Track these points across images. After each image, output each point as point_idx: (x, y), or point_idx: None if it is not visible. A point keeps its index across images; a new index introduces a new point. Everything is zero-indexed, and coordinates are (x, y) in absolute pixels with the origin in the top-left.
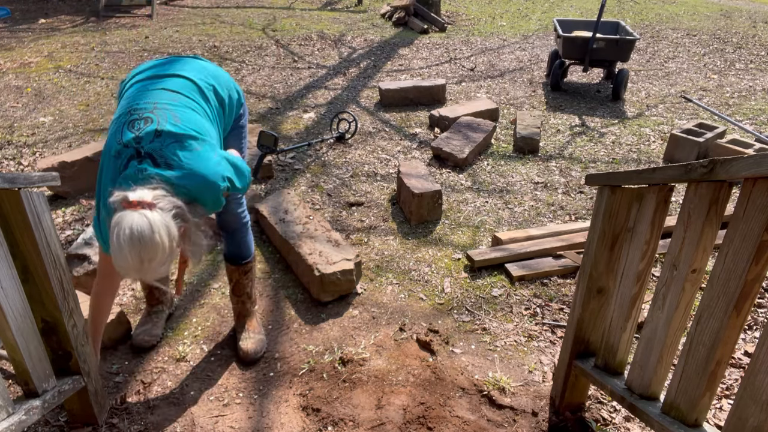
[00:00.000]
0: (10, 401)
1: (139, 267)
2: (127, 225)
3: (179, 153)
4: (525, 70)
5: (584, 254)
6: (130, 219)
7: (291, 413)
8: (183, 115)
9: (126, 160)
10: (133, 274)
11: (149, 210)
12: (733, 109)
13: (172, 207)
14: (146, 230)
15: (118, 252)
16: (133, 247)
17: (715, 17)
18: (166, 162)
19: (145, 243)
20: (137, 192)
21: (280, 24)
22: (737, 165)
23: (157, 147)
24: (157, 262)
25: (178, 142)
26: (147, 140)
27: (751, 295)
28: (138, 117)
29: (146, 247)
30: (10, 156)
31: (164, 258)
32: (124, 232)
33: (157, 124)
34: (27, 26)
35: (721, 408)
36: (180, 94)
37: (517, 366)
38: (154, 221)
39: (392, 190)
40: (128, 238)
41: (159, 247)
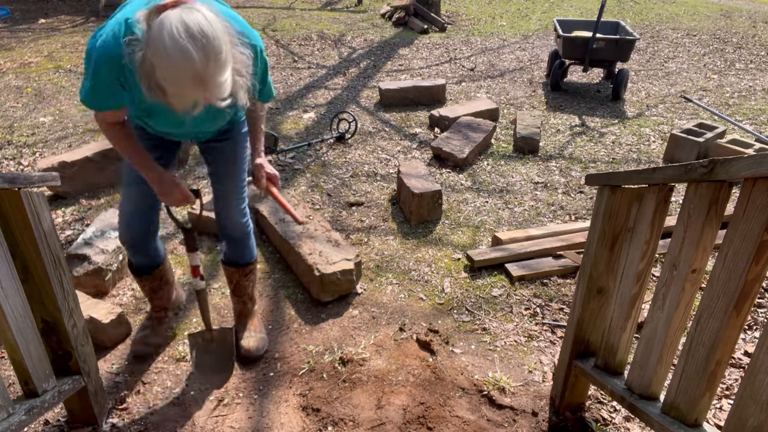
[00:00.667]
0: (10, 401)
1: (205, 68)
2: (177, 21)
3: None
4: (525, 70)
5: (584, 254)
6: (176, 16)
7: (291, 413)
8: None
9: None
10: (198, 90)
11: (192, 4)
12: (733, 109)
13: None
14: (202, 20)
15: (179, 56)
16: (195, 39)
17: (715, 17)
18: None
19: (206, 33)
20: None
21: (280, 24)
22: (737, 165)
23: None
24: (223, 62)
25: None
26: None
27: (751, 295)
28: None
29: (209, 38)
30: (10, 156)
31: (228, 60)
32: (178, 29)
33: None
34: (27, 26)
35: (721, 408)
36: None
37: (517, 366)
38: (206, 11)
39: (392, 190)
40: (185, 32)
41: (220, 41)
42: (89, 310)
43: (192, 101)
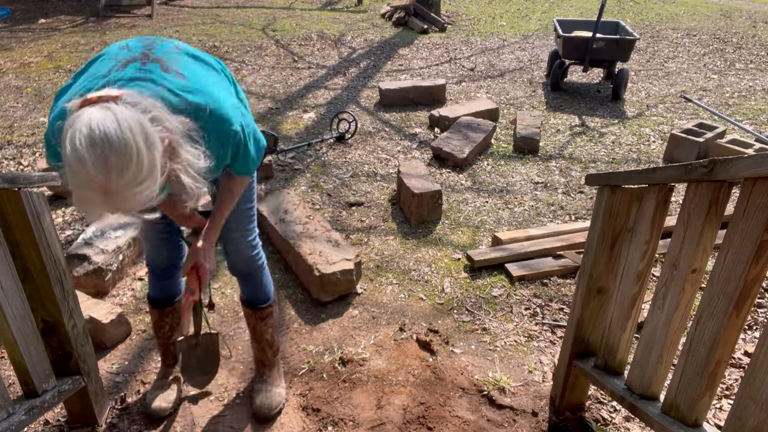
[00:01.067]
0: (10, 401)
1: (106, 184)
2: (84, 123)
3: (196, 68)
4: (525, 70)
5: (584, 254)
6: (87, 116)
7: (291, 413)
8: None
9: (124, 61)
10: (100, 204)
11: (113, 102)
12: (733, 109)
13: (150, 106)
14: (110, 124)
15: (76, 164)
16: (94, 148)
17: (715, 17)
18: (178, 71)
19: (110, 142)
20: (103, 89)
21: (280, 24)
22: (737, 165)
23: (169, 53)
24: (131, 176)
25: (197, 60)
26: (159, 48)
27: (751, 295)
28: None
29: (113, 149)
30: (10, 156)
31: (141, 171)
32: (80, 132)
33: (171, 47)
34: (27, 26)
35: (721, 408)
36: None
37: (517, 366)
38: (122, 114)
39: (392, 190)
40: (86, 138)
41: (132, 149)
42: (89, 310)
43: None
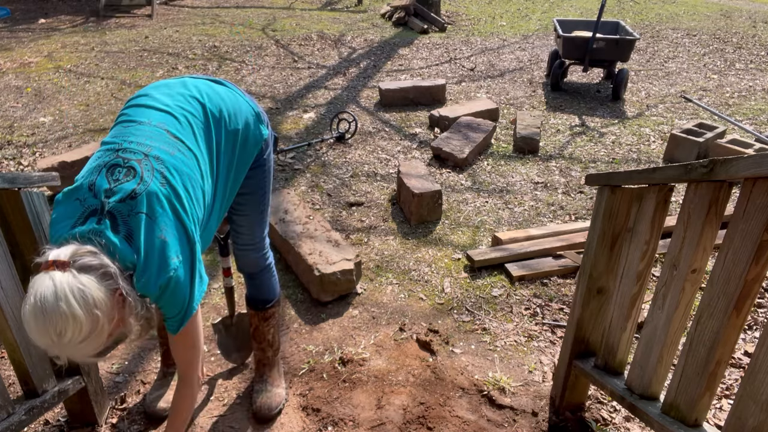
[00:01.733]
0: (10, 401)
1: (51, 344)
2: (32, 293)
3: (144, 230)
4: (525, 70)
5: (584, 254)
6: (36, 285)
7: (291, 413)
8: (173, 177)
9: (87, 212)
10: (54, 352)
11: (60, 271)
12: (733, 109)
13: (99, 265)
14: (49, 297)
15: (26, 326)
16: (36, 319)
17: (715, 17)
18: (128, 232)
19: (47, 314)
20: (57, 250)
21: (280, 24)
22: (737, 165)
23: (124, 211)
24: (72, 337)
25: (150, 217)
26: (117, 197)
27: (751, 295)
28: (122, 163)
29: (50, 320)
30: (10, 156)
31: (81, 332)
32: (28, 302)
33: (139, 181)
34: (27, 26)
35: (721, 408)
36: (181, 143)
37: (517, 366)
38: (60, 285)
39: (392, 190)
40: (30, 309)
41: (67, 318)
42: None
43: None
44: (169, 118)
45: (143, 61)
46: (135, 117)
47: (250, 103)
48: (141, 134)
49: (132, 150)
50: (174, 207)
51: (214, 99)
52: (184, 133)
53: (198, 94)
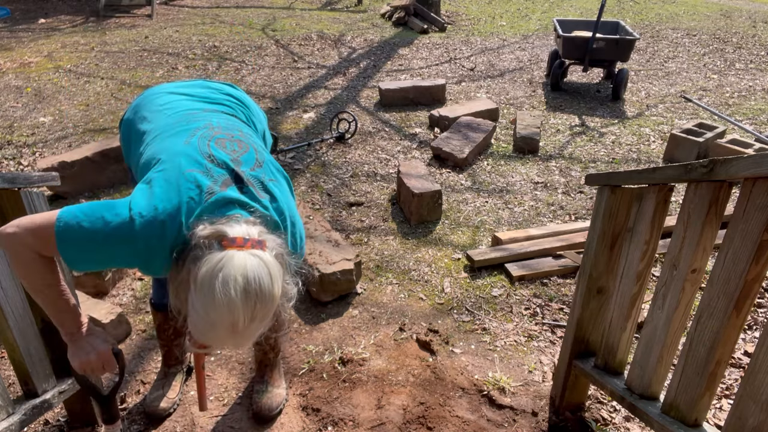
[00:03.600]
0: (10, 401)
1: (246, 328)
2: (239, 271)
3: (278, 191)
4: (525, 70)
5: (584, 254)
6: (240, 263)
7: (291, 413)
8: (263, 150)
9: (220, 180)
10: (227, 340)
11: (262, 250)
12: (733, 109)
13: (276, 245)
14: (265, 277)
15: (225, 311)
16: (248, 301)
17: (715, 17)
18: (271, 197)
19: (263, 295)
20: (240, 227)
21: (280, 24)
22: (737, 165)
23: (260, 176)
24: (269, 319)
25: (276, 180)
26: (248, 165)
27: (751, 295)
28: (226, 137)
29: (264, 300)
30: (10, 156)
31: (272, 314)
32: (236, 282)
33: (255, 152)
34: (27, 26)
35: (721, 408)
36: (250, 127)
37: (517, 366)
38: (272, 265)
39: (392, 190)
40: (242, 290)
41: (276, 301)
42: (89, 310)
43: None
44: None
45: (143, 61)
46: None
47: (257, 108)
48: (218, 117)
49: (226, 127)
50: (282, 172)
51: (240, 98)
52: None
53: (229, 93)
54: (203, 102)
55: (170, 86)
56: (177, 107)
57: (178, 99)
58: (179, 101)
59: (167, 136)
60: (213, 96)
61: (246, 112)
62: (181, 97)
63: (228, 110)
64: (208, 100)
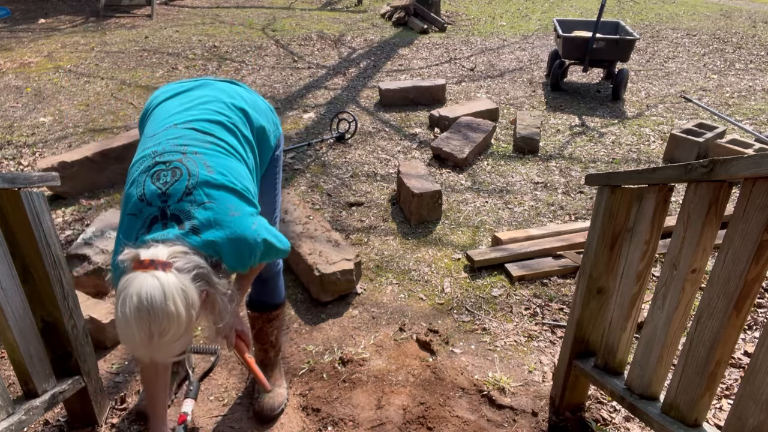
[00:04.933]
0: (10, 401)
1: (148, 343)
2: (135, 291)
3: (211, 214)
4: (525, 70)
5: (584, 254)
6: (138, 284)
7: (291, 413)
8: (215, 162)
9: (148, 221)
10: (142, 351)
11: (163, 271)
12: (733, 109)
13: (194, 267)
14: (157, 296)
15: (124, 324)
16: (141, 318)
17: (715, 17)
18: (193, 226)
19: (155, 313)
20: (150, 249)
21: (280, 24)
22: (737, 165)
23: (185, 208)
24: (171, 337)
25: (211, 200)
26: (174, 198)
27: (751, 295)
28: (164, 167)
29: (157, 319)
30: (10, 156)
31: (179, 332)
32: (131, 300)
33: (188, 176)
34: (27, 26)
35: (721, 408)
36: (212, 136)
37: (517, 366)
38: (168, 285)
39: (392, 190)
40: (135, 308)
41: (173, 318)
42: (89, 310)
43: (136, 353)
44: (192, 116)
45: (143, 61)
46: (159, 124)
47: (265, 102)
48: (170, 137)
49: (169, 152)
50: (228, 186)
51: (234, 96)
52: (212, 129)
53: (219, 93)
54: (181, 112)
55: (171, 89)
56: (152, 129)
57: (159, 118)
58: (158, 118)
59: (130, 176)
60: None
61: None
62: (162, 117)
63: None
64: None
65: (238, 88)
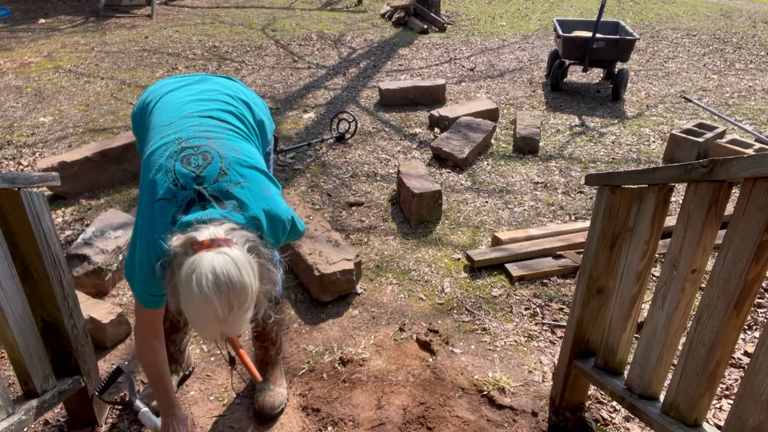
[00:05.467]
0: (10, 401)
1: (227, 317)
2: (208, 269)
3: (248, 192)
4: (525, 70)
5: (584, 254)
6: (209, 262)
7: (291, 413)
8: (241, 147)
9: (185, 204)
10: (217, 329)
11: (228, 247)
12: (733, 109)
13: (245, 240)
14: (233, 270)
15: (203, 303)
16: (221, 293)
17: (715, 17)
18: (235, 205)
19: (234, 285)
20: (207, 230)
21: (280, 24)
22: (737, 165)
23: (224, 187)
24: (247, 306)
25: (245, 179)
26: (210, 179)
27: (751, 295)
28: (193, 151)
29: (236, 291)
30: (10, 156)
31: (252, 302)
32: (207, 279)
33: (219, 159)
34: (27, 26)
35: (721, 408)
36: (229, 124)
37: (517, 366)
38: (239, 258)
39: (392, 190)
40: (213, 284)
41: (249, 288)
42: (89, 310)
43: (205, 333)
44: (206, 105)
45: (143, 61)
46: (174, 113)
47: (259, 98)
48: (191, 124)
49: (193, 138)
50: (256, 167)
51: (237, 90)
52: (226, 117)
53: (223, 87)
54: (193, 102)
55: (171, 82)
56: (166, 119)
57: (169, 108)
58: (168, 109)
59: (152, 163)
60: (206, 93)
61: (239, 107)
62: (176, 96)
63: (218, 107)
64: (199, 99)
65: (235, 83)
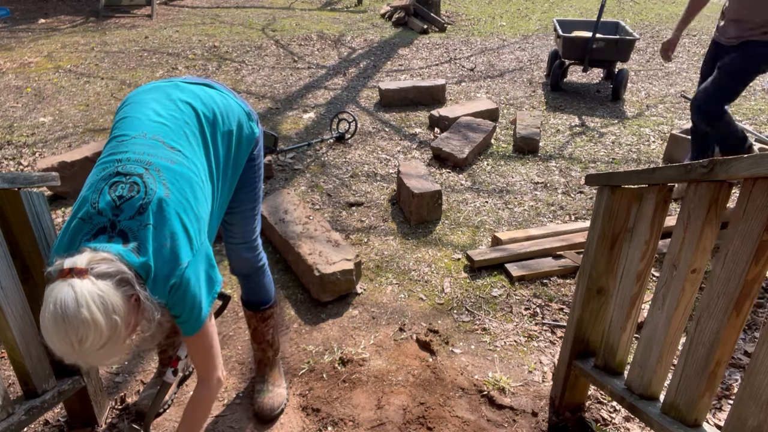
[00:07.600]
0: (10, 401)
1: (71, 351)
2: (51, 300)
3: (152, 239)
4: (525, 70)
5: (584, 254)
6: (55, 293)
7: (291, 413)
8: (176, 185)
9: (95, 229)
10: (71, 359)
11: (78, 278)
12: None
13: (117, 272)
14: (70, 305)
15: (45, 334)
16: (56, 326)
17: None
18: (138, 246)
19: (69, 321)
20: (72, 258)
21: (280, 24)
22: (737, 165)
23: (134, 226)
24: (92, 343)
25: (156, 228)
26: (127, 214)
27: (751, 295)
28: (123, 179)
29: (71, 326)
30: (10, 156)
31: (101, 338)
32: (47, 309)
33: (144, 196)
34: (27, 26)
35: (721, 408)
36: (179, 153)
37: (517, 366)
38: (81, 292)
39: (392, 190)
40: (51, 317)
41: (89, 324)
42: None
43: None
44: (162, 128)
45: (143, 61)
46: (129, 131)
47: (240, 103)
48: (138, 148)
49: (132, 163)
50: (179, 215)
51: (206, 102)
52: (180, 142)
53: (190, 98)
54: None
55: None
56: (118, 134)
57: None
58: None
59: (90, 178)
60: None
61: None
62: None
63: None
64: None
65: (211, 90)
